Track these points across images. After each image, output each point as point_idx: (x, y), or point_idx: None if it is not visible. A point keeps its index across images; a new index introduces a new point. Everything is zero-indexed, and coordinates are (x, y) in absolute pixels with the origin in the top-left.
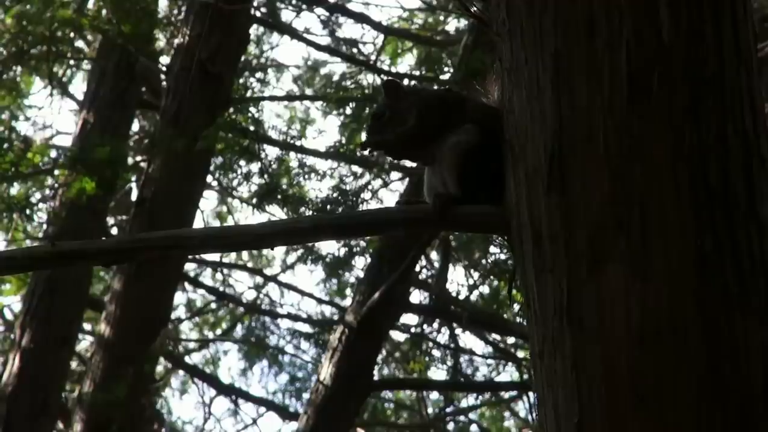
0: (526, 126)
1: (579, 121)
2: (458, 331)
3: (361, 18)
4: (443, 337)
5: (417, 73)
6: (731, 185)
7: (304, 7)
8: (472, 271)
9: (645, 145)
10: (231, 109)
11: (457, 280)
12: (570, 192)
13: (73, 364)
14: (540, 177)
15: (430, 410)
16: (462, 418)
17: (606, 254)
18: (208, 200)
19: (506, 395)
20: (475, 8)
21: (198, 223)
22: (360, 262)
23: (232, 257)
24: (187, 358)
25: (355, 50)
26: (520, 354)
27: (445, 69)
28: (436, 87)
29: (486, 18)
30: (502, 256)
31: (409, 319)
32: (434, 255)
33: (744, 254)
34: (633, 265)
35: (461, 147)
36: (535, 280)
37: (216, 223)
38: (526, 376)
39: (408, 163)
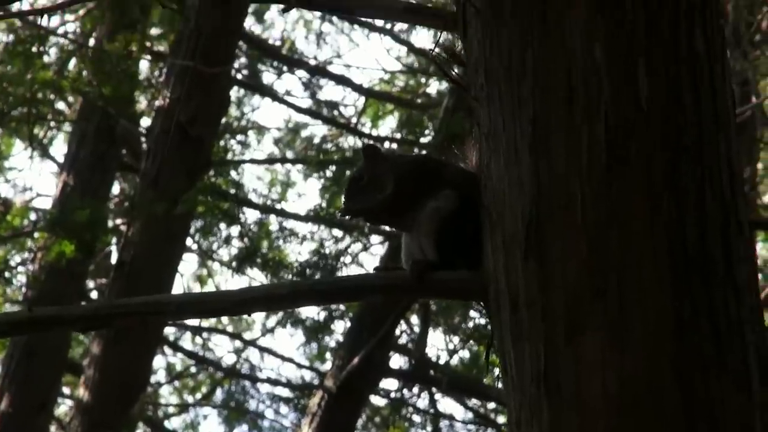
0: (503, 192)
1: (557, 188)
2: (438, 396)
3: (342, 80)
4: (423, 402)
5: (398, 135)
6: (709, 251)
7: (285, 69)
8: (451, 335)
9: (622, 212)
10: (211, 172)
11: (437, 344)
12: (547, 259)
13: (52, 429)
14: (517, 243)
15: None
16: None
17: (583, 321)
18: (188, 263)
19: None
20: (453, 72)
21: (177, 287)
22: (340, 326)
23: (211, 321)
24: (166, 423)
25: (336, 113)
26: (500, 419)
27: (426, 132)
28: (415, 151)
29: (464, 82)
30: (482, 321)
31: (389, 383)
32: (414, 319)
33: (721, 317)
34: (610, 333)
35: (439, 213)
36: (513, 347)
37: (196, 287)
38: None
39: (387, 228)
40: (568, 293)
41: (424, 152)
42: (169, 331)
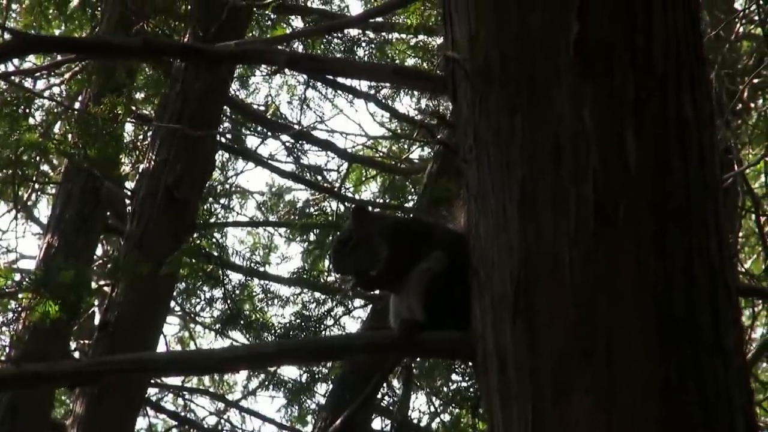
0: (492, 254)
1: (545, 250)
2: None
3: (325, 145)
4: None
5: (381, 200)
6: (696, 315)
7: (269, 134)
8: (433, 398)
9: (610, 275)
10: (195, 235)
11: (419, 407)
12: (535, 321)
13: None
14: (506, 305)
15: None
16: None
17: (571, 383)
18: (171, 325)
19: None
20: (441, 134)
21: (161, 348)
22: (322, 389)
23: (193, 382)
24: None
25: (319, 177)
26: None
27: (409, 197)
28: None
29: (452, 144)
30: (464, 384)
31: None
32: (396, 382)
33: (709, 382)
34: (598, 395)
35: (428, 274)
36: (501, 408)
37: (178, 349)
38: None
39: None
40: (556, 355)
41: (411, 214)
42: (151, 391)
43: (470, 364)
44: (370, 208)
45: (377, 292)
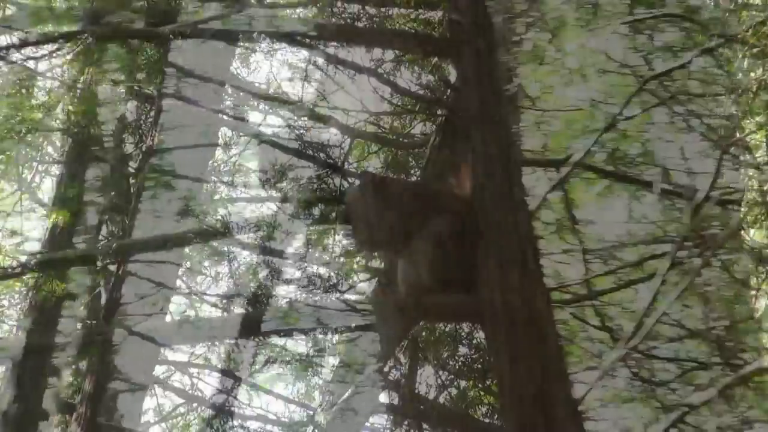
0: (499, 215)
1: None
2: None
3: (328, 121)
4: None
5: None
6: None
7: (271, 110)
8: (440, 371)
9: None
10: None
11: (426, 380)
12: (542, 280)
13: None
14: (513, 265)
15: None
16: None
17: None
18: (175, 305)
19: None
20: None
21: (167, 323)
22: (329, 362)
23: (201, 359)
24: None
25: (322, 154)
26: None
27: (412, 171)
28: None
29: (458, 108)
30: (473, 357)
31: (379, 419)
32: (402, 355)
33: None
34: None
35: (435, 238)
36: (509, 367)
37: (184, 325)
38: None
39: (374, 264)
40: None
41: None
42: (159, 370)
43: (478, 326)
44: (378, 174)
45: (382, 264)
